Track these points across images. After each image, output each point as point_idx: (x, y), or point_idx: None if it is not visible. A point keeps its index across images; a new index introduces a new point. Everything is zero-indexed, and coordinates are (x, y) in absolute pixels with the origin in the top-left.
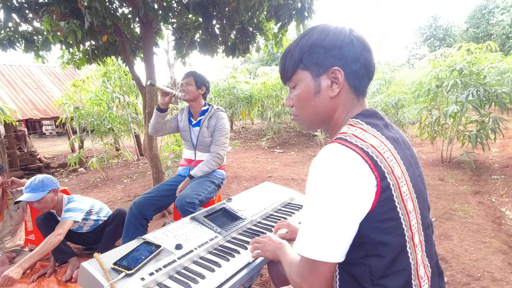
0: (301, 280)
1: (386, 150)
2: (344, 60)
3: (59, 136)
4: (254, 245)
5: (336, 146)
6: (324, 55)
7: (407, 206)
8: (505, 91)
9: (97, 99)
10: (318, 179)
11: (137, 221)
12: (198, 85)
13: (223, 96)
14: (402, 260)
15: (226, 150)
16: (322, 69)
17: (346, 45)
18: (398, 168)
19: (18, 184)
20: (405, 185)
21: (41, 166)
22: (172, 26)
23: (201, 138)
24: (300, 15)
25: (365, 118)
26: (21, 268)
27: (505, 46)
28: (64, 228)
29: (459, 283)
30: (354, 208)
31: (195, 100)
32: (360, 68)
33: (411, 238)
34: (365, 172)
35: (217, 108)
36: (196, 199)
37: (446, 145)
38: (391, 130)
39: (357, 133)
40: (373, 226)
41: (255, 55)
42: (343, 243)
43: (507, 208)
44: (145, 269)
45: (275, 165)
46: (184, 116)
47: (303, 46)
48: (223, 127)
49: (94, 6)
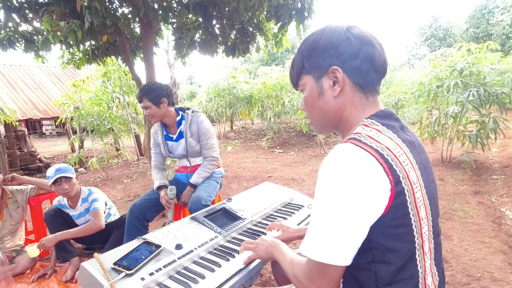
0: (309, 282)
1: (402, 153)
2: (341, 58)
3: (59, 136)
4: (246, 246)
5: (349, 146)
6: (321, 56)
7: (420, 213)
8: (505, 91)
9: (97, 99)
10: (330, 179)
11: (139, 223)
12: (156, 102)
13: (223, 96)
14: (410, 268)
15: (218, 150)
16: (322, 70)
17: (341, 42)
18: (413, 173)
19: (18, 180)
20: (419, 191)
21: (41, 166)
22: (172, 26)
23: (190, 149)
24: (300, 15)
25: (381, 119)
26: (55, 238)
27: (505, 46)
28: (101, 217)
29: (459, 283)
30: (366, 211)
31: (165, 116)
32: (361, 64)
33: (421, 245)
34: (379, 175)
35: (192, 112)
36: (209, 201)
37: (446, 145)
38: (407, 132)
39: (372, 134)
40: (383, 231)
41: (255, 55)
42: (353, 246)
43: (507, 208)
44: (145, 269)
45: (275, 165)
46: (160, 139)
47: (302, 51)
48: (207, 130)
49: (94, 6)
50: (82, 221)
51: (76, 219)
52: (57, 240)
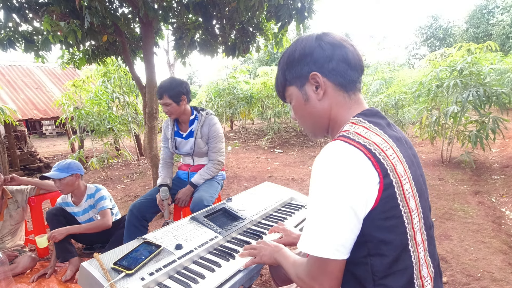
0: (311, 279)
1: (389, 148)
2: (318, 63)
3: (59, 136)
4: (249, 251)
5: (338, 143)
6: (298, 66)
7: (409, 204)
8: (505, 91)
9: (97, 99)
10: (321, 176)
11: (139, 223)
12: (176, 100)
13: (223, 96)
14: (405, 259)
15: (224, 155)
16: (303, 79)
17: (314, 50)
18: (400, 166)
19: (18, 181)
20: (407, 183)
21: (41, 166)
22: (172, 26)
23: (198, 149)
24: (300, 15)
25: (367, 117)
26: (67, 230)
27: (505, 46)
28: (110, 216)
29: (459, 283)
30: (358, 204)
31: (182, 114)
32: (337, 65)
33: (413, 236)
34: (368, 168)
35: (206, 113)
36: (211, 201)
37: (446, 145)
38: (393, 129)
39: (360, 131)
40: (376, 224)
41: (255, 55)
42: (349, 239)
43: (507, 208)
44: (145, 269)
45: (275, 165)
46: (170, 134)
47: (282, 66)
48: (217, 134)
49: (94, 6)
50: (86, 217)
51: (80, 216)
52: (68, 232)
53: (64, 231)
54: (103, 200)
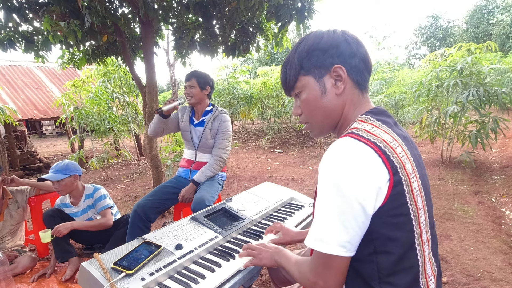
0: (315, 275)
1: (398, 146)
2: (342, 57)
3: (59, 136)
4: (248, 252)
5: (348, 139)
6: (322, 56)
7: (417, 202)
8: (505, 91)
9: (97, 99)
10: (331, 172)
11: (142, 224)
12: (201, 86)
13: (223, 96)
14: (411, 257)
15: (228, 154)
16: (323, 70)
17: (341, 43)
18: (409, 164)
19: (17, 182)
20: (415, 182)
21: (41, 166)
22: (172, 26)
23: (204, 140)
24: (300, 15)
25: (375, 115)
26: (71, 225)
27: (505, 46)
28: (110, 215)
29: (459, 283)
30: (367, 201)
31: (200, 102)
32: (359, 63)
33: (420, 234)
34: (378, 165)
35: (221, 110)
36: (212, 201)
37: (446, 145)
38: (400, 128)
39: (369, 129)
40: (383, 221)
41: (255, 55)
42: (356, 236)
43: (507, 208)
44: (145, 269)
45: (275, 165)
46: (185, 116)
47: (301, 52)
48: (227, 130)
49: (94, 6)
50: (85, 217)
51: (79, 216)
52: (72, 227)
53: (69, 226)
54: (103, 200)
